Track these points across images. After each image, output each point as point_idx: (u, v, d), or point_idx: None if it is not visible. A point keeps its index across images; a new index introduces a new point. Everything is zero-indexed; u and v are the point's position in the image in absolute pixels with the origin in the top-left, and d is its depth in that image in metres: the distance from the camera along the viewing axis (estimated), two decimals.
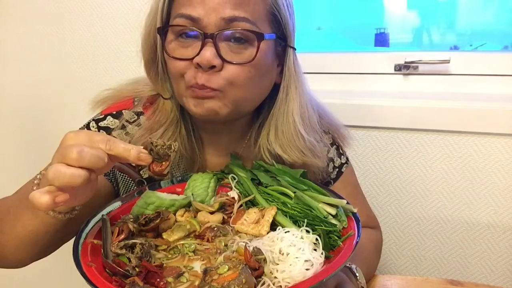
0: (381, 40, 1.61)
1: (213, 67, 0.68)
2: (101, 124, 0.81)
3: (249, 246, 0.59)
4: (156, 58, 0.76)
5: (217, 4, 0.67)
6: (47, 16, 1.44)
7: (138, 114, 0.82)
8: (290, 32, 0.76)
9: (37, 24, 1.46)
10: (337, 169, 0.94)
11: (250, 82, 0.72)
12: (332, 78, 1.30)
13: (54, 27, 1.45)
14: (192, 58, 0.69)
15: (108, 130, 0.81)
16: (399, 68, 1.25)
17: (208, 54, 0.67)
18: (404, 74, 1.26)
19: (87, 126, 0.82)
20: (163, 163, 0.60)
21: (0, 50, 1.53)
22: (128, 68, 1.40)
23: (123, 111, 0.82)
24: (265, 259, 0.58)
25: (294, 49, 0.78)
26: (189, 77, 0.70)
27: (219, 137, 0.84)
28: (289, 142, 0.79)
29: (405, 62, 1.23)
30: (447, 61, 1.19)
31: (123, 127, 0.81)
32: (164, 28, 0.72)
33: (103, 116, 0.82)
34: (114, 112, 0.82)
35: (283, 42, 0.76)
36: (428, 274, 1.27)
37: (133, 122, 0.81)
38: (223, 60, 0.69)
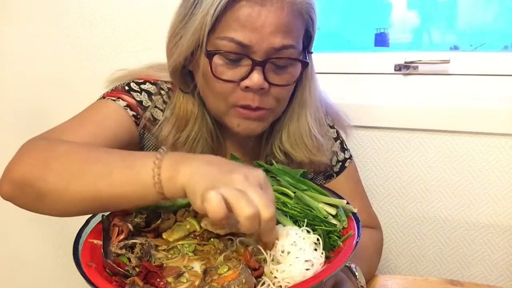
0: (381, 40, 1.61)
1: (262, 89, 0.72)
2: (143, 86, 0.83)
3: (249, 246, 0.59)
4: (186, 65, 0.77)
5: (269, 34, 0.69)
6: (47, 16, 1.44)
7: (169, 89, 0.85)
8: (313, 40, 0.80)
9: (37, 24, 1.46)
10: (340, 163, 0.95)
11: (289, 96, 0.80)
12: (332, 78, 1.29)
13: (54, 27, 1.45)
14: (239, 81, 0.71)
15: (149, 93, 0.83)
16: (399, 68, 1.25)
17: (258, 79, 0.71)
18: (404, 74, 1.26)
19: (128, 85, 0.82)
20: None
21: (0, 50, 1.53)
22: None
23: (158, 81, 0.85)
24: (265, 259, 0.58)
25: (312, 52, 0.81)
26: (237, 98, 0.73)
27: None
28: (300, 142, 0.83)
29: (405, 62, 1.23)
30: (447, 61, 1.19)
31: (160, 93, 0.83)
32: (216, 53, 0.71)
33: (142, 80, 0.84)
34: (152, 81, 0.84)
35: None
36: (428, 274, 1.26)
37: (167, 92, 0.84)
38: (269, 83, 0.73)
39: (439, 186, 1.19)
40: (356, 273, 0.76)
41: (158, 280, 0.55)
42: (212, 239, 0.65)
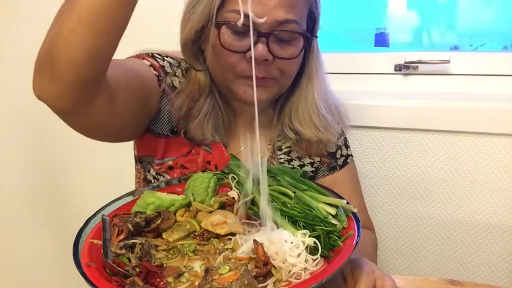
0: (381, 40, 1.61)
1: (265, 60, 0.76)
2: (165, 58, 0.87)
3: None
4: (196, 40, 0.81)
5: (273, 7, 0.74)
6: (47, 16, 1.44)
7: (188, 68, 0.88)
8: (318, 24, 0.84)
9: (37, 24, 1.46)
10: (343, 158, 0.97)
11: (295, 71, 0.84)
12: (332, 78, 1.29)
13: None
14: (245, 51, 0.75)
15: (171, 64, 0.87)
16: (399, 68, 1.25)
17: (262, 49, 0.75)
18: (404, 74, 1.26)
19: (151, 53, 0.86)
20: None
21: (0, 50, 1.53)
22: None
23: (179, 58, 0.88)
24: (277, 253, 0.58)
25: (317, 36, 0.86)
26: (243, 69, 0.78)
27: (246, 107, 0.87)
28: (309, 122, 0.87)
29: (405, 62, 1.23)
30: (447, 61, 1.19)
31: (180, 67, 0.87)
32: (223, 24, 0.75)
33: (165, 54, 0.88)
34: (173, 57, 0.88)
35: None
36: (428, 274, 1.27)
37: (185, 69, 0.88)
38: (273, 56, 0.77)
39: (439, 186, 1.19)
40: None
41: (158, 280, 0.55)
42: (212, 239, 0.65)
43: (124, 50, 1.37)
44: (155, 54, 0.86)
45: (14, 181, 1.63)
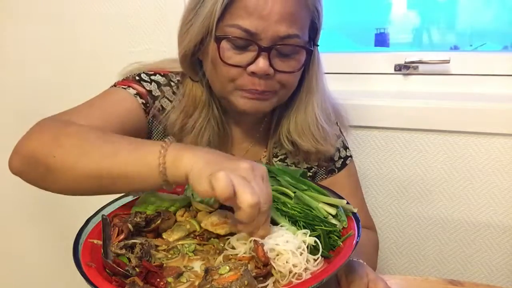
0: (381, 40, 1.61)
1: (267, 75, 0.75)
2: (153, 78, 0.85)
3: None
4: (195, 52, 0.80)
5: (274, 22, 0.72)
6: (47, 16, 1.44)
7: (178, 81, 0.87)
8: (320, 33, 0.82)
9: (37, 24, 1.46)
10: (342, 159, 0.96)
11: (295, 83, 0.82)
12: (332, 78, 1.29)
13: (54, 27, 1.45)
14: (246, 66, 0.74)
15: (159, 84, 0.85)
16: (399, 68, 1.25)
17: (263, 64, 0.74)
18: (404, 74, 1.26)
19: (139, 75, 0.85)
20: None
21: (0, 50, 1.53)
22: None
23: (169, 74, 0.87)
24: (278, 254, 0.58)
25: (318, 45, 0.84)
26: (244, 82, 0.76)
27: (244, 117, 0.88)
28: (307, 132, 0.86)
29: (405, 62, 1.23)
30: (447, 61, 1.19)
31: (169, 85, 0.86)
32: (224, 38, 0.74)
33: (153, 72, 0.86)
34: (162, 73, 0.87)
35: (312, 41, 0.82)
36: (428, 274, 1.27)
37: (177, 84, 0.86)
38: (275, 70, 0.75)
39: (439, 186, 1.19)
40: None
41: (158, 280, 0.55)
42: (212, 239, 0.65)
43: (125, 50, 1.38)
44: (142, 76, 0.85)
45: (13, 181, 1.62)
